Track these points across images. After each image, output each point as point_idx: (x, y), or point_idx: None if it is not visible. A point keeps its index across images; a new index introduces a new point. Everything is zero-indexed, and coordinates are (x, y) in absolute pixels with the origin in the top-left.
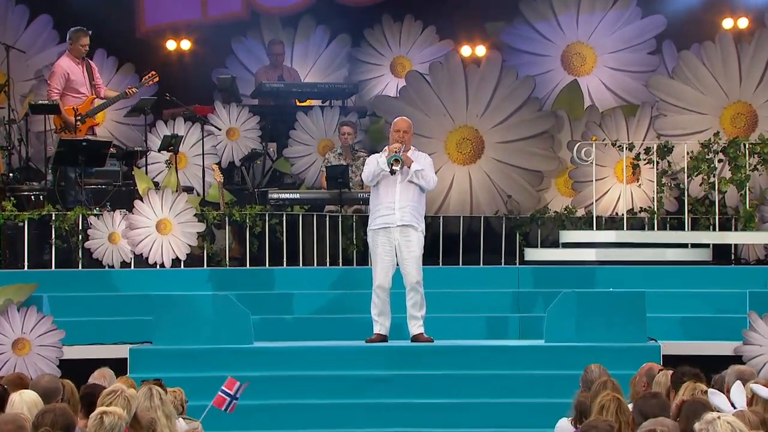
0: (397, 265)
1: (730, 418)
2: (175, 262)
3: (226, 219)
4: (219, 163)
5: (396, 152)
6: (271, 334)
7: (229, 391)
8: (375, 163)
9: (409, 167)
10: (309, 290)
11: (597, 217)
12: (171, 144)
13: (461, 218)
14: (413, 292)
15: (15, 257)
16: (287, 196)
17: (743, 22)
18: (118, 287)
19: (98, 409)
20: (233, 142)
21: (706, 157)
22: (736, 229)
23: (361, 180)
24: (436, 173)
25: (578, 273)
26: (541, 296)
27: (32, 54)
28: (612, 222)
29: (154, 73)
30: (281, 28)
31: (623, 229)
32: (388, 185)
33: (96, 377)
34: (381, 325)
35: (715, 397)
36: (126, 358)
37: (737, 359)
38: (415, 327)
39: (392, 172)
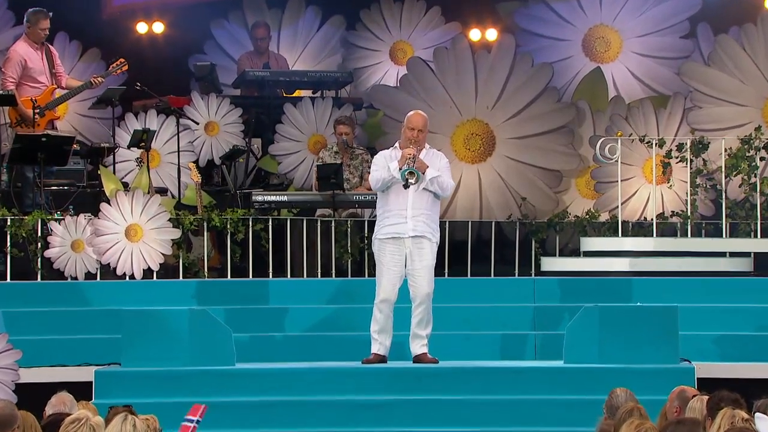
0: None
1: None
2: (147, 272)
3: (205, 224)
4: (196, 162)
5: (409, 160)
6: (255, 354)
7: (192, 417)
8: (386, 169)
9: (423, 173)
10: (298, 305)
11: (623, 223)
12: (142, 140)
13: (470, 223)
14: (421, 307)
15: None
16: (273, 198)
17: None
18: (83, 301)
19: None
20: (212, 138)
21: (747, 154)
22: None
23: (358, 181)
24: None
25: (601, 285)
26: (560, 311)
27: None
28: (640, 228)
29: (123, 60)
30: (267, 8)
31: (652, 235)
32: (399, 191)
33: (53, 403)
34: (380, 344)
35: (762, 422)
36: (91, 382)
37: None
38: (418, 346)
39: (406, 186)
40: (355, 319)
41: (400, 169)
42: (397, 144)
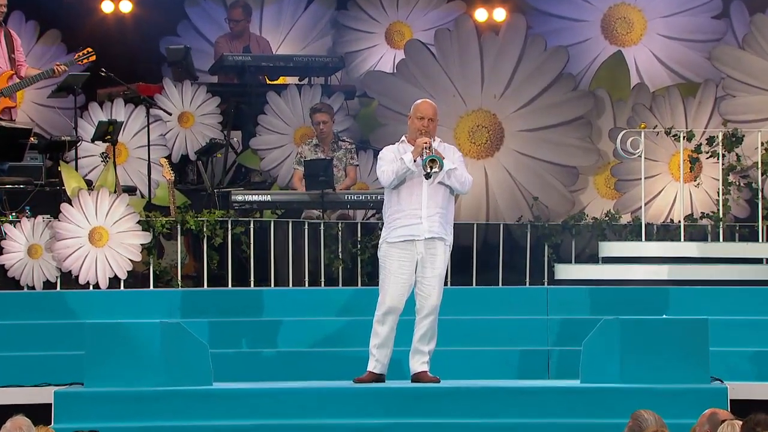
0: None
1: None
2: (113, 281)
3: (178, 227)
4: (169, 157)
5: (425, 149)
6: (235, 372)
7: None
8: (398, 161)
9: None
10: (284, 317)
11: (646, 225)
12: (108, 132)
13: (475, 226)
14: (428, 319)
15: None
16: (255, 198)
17: None
18: (41, 314)
19: None
20: (187, 130)
21: None
22: None
23: (342, 175)
24: None
25: (622, 295)
26: (576, 325)
27: None
28: (665, 231)
29: (90, 50)
30: None
31: (680, 240)
32: (413, 187)
33: (8, 428)
34: (378, 361)
35: None
36: (50, 404)
37: None
38: (419, 363)
39: (428, 176)
40: (349, 333)
41: (414, 160)
42: (403, 137)
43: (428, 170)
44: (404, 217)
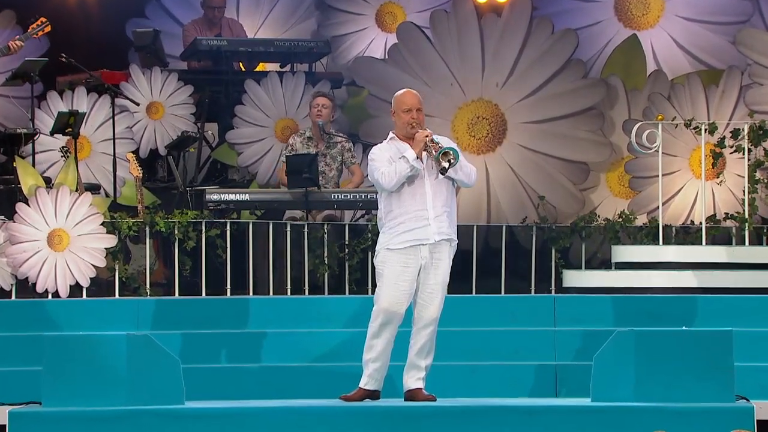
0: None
1: None
2: (75, 289)
3: (147, 229)
4: (136, 152)
5: (428, 143)
6: (209, 390)
7: None
8: (400, 160)
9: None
10: (263, 328)
11: (664, 227)
12: (68, 124)
13: (475, 228)
14: (426, 331)
15: None
16: (232, 197)
17: None
18: None
19: None
20: (156, 122)
21: None
22: None
23: (335, 175)
24: None
25: (637, 304)
26: (586, 337)
27: None
28: (685, 234)
29: (44, 20)
30: None
31: (701, 243)
32: (415, 187)
33: None
34: (370, 376)
35: None
36: (5, 426)
37: None
38: (414, 379)
39: (443, 172)
40: (336, 346)
41: (418, 157)
42: (391, 134)
43: (444, 165)
44: (409, 220)
